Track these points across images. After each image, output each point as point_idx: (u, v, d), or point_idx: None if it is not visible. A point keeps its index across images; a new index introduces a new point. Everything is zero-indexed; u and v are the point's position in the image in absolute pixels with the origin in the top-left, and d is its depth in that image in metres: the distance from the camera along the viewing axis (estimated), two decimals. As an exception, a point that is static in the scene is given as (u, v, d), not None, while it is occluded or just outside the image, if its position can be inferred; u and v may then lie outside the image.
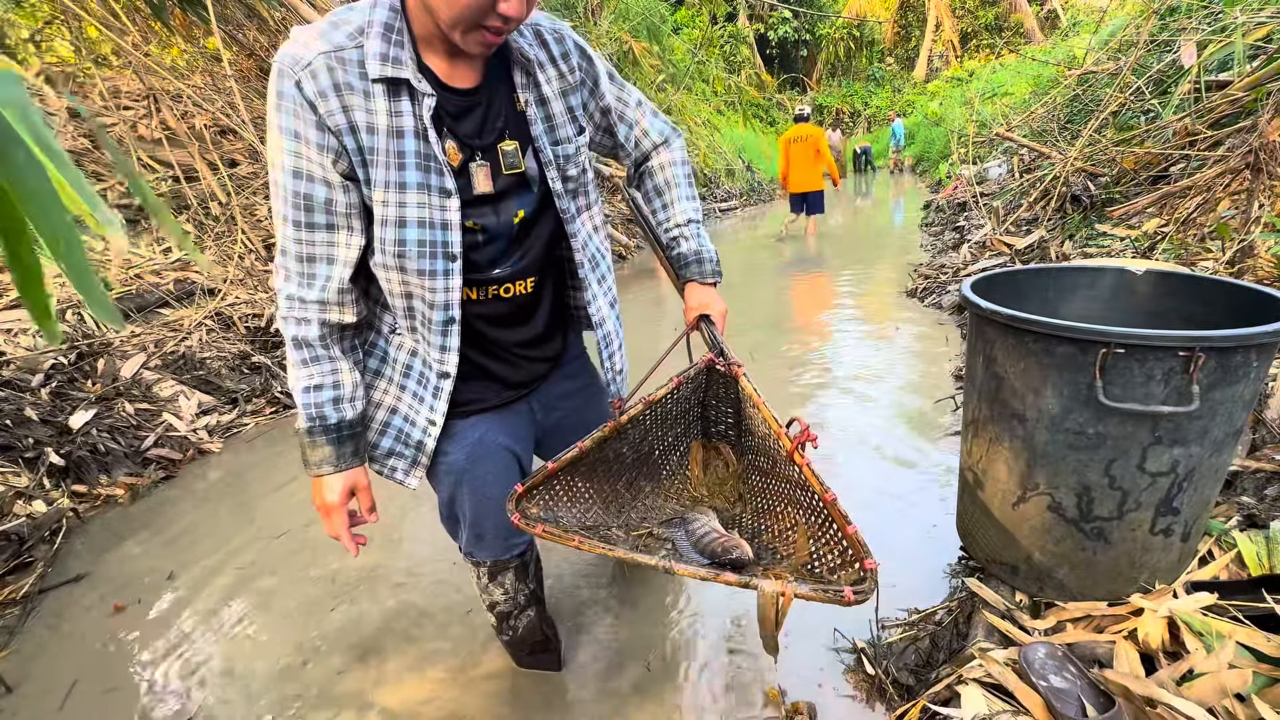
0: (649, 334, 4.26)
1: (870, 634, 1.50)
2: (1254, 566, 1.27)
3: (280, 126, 0.84)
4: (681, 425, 1.30)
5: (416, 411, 1.11)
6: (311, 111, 0.83)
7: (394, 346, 1.09)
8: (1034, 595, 1.37)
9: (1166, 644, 1.13)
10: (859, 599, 0.83)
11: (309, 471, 1.04)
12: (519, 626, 1.39)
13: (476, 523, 1.20)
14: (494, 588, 1.32)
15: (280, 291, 0.95)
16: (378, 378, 1.11)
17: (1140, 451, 1.14)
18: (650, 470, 1.28)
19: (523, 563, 1.32)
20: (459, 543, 1.27)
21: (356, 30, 0.85)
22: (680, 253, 1.22)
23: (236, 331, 3.71)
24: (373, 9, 0.86)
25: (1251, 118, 2.97)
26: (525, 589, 1.35)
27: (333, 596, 1.90)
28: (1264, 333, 1.02)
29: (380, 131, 0.87)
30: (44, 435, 2.60)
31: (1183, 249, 2.85)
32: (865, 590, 0.84)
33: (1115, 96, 4.34)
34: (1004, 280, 1.54)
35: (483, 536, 1.22)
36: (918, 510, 1.99)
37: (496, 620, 1.38)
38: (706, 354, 1.22)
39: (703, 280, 1.22)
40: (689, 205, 1.22)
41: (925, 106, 17.28)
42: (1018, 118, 6.62)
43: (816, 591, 0.86)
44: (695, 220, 1.24)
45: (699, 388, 1.26)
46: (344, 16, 0.87)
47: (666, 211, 1.23)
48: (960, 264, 4.55)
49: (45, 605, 1.99)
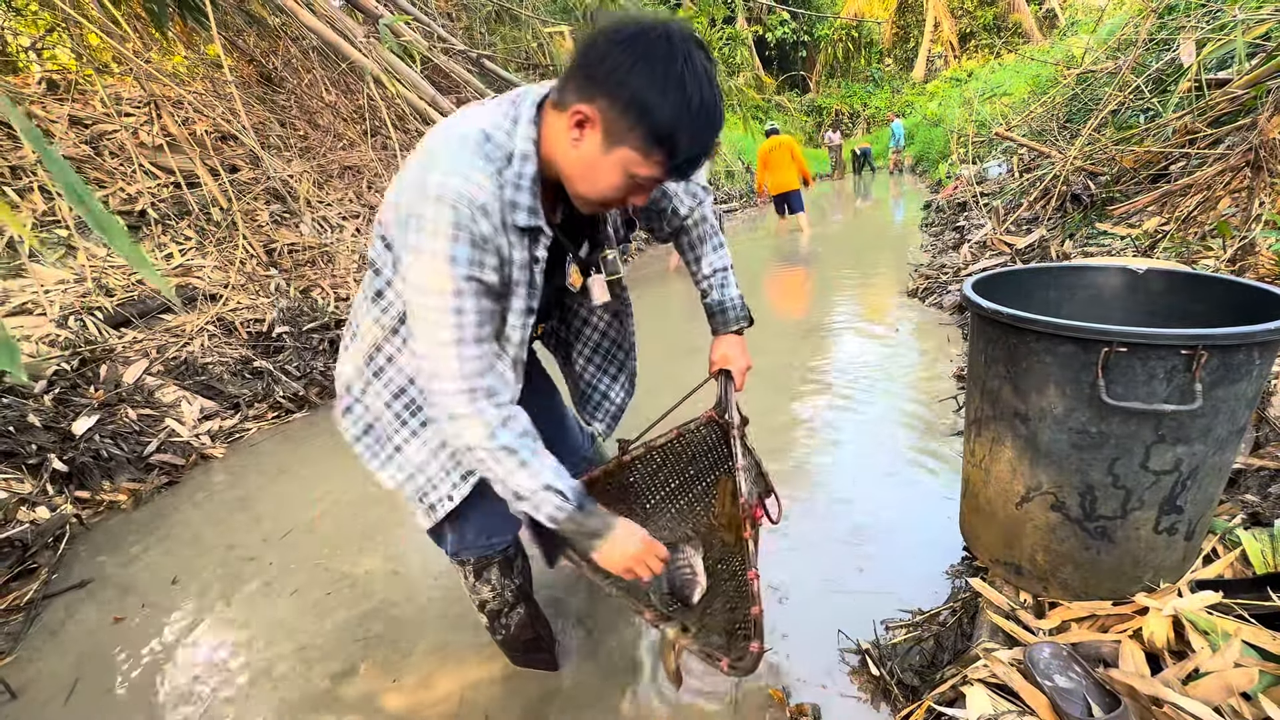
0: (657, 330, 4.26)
1: (874, 635, 1.50)
2: (1259, 564, 1.27)
3: (452, 256, 0.87)
4: (706, 461, 1.40)
5: (442, 481, 1.16)
6: (485, 243, 0.90)
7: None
8: (1038, 595, 1.37)
9: (1172, 643, 1.13)
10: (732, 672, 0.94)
11: (596, 545, 1.04)
12: (510, 624, 1.40)
13: (459, 524, 1.24)
14: (481, 585, 1.34)
15: (472, 416, 0.94)
16: (414, 436, 1.14)
17: (1143, 450, 1.13)
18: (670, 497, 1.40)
19: (506, 558, 1.34)
20: (444, 547, 1.30)
21: (505, 160, 0.91)
22: (708, 303, 1.33)
23: (238, 336, 3.71)
24: (524, 160, 0.91)
25: (1251, 115, 2.97)
26: (511, 584, 1.36)
27: (337, 598, 1.90)
28: (1266, 330, 1.02)
29: (518, 265, 0.97)
30: (47, 441, 2.60)
31: (1184, 247, 2.85)
32: (741, 667, 0.93)
33: (1114, 95, 4.34)
34: (1006, 280, 1.54)
35: (464, 536, 1.26)
36: (920, 511, 1.99)
37: (488, 620, 1.40)
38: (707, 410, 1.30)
39: (726, 329, 1.32)
40: (716, 256, 1.30)
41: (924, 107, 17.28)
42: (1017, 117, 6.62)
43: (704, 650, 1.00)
44: (721, 269, 1.31)
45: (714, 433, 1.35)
46: (496, 140, 0.91)
47: (698, 264, 1.31)
48: (961, 264, 4.54)
49: (49, 611, 2.00)
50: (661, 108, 0.83)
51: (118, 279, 3.67)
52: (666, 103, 0.82)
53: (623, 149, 0.87)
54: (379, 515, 2.35)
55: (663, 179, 0.92)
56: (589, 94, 0.86)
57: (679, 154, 0.87)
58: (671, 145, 0.86)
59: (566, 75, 0.90)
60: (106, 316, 3.39)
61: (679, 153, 0.87)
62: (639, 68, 0.82)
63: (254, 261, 4.25)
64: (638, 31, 0.83)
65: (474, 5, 7.47)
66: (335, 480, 2.66)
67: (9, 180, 3.76)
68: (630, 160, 0.88)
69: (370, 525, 2.28)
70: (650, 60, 0.82)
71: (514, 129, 0.92)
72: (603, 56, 0.84)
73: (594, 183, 0.91)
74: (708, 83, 0.84)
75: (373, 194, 5.60)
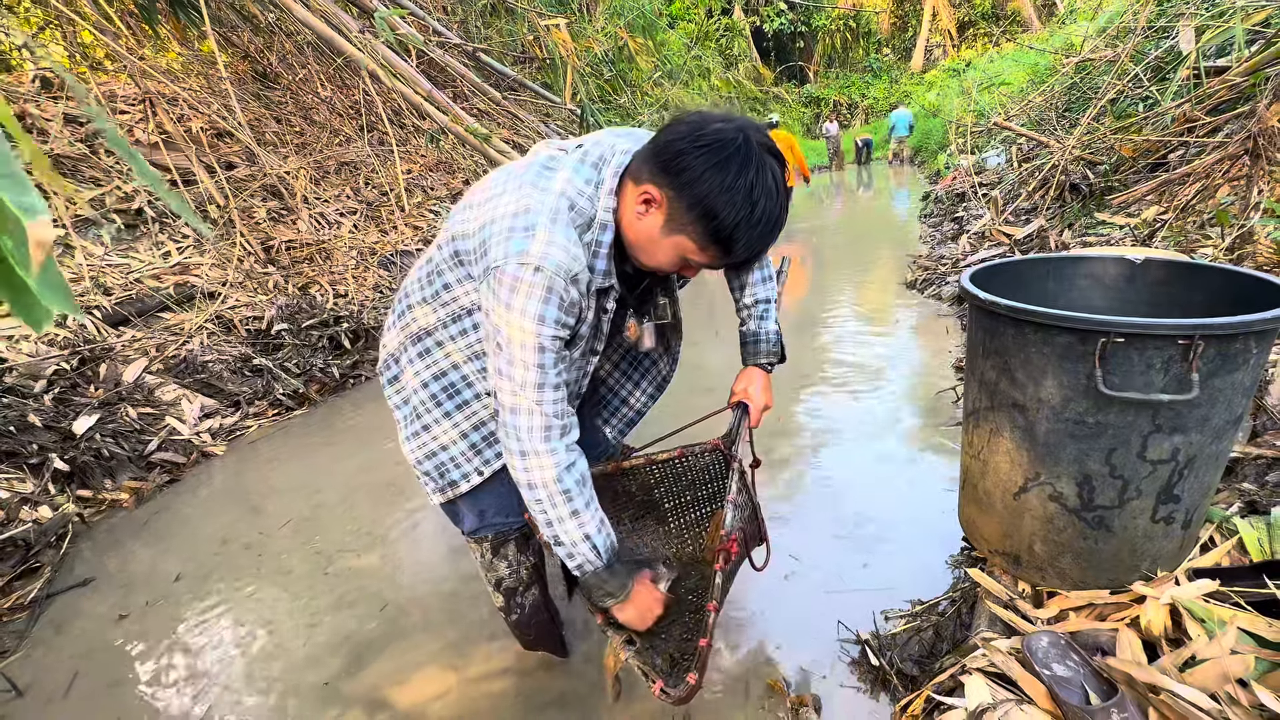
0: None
1: (874, 625, 1.51)
2: (1255, 552, 1.27)
3: (542, 316, 0.94)
4: (704, 490, 1.38)
5: (468, 460, 1.21)
6: (571, 307, 0.97)
7: (481, 405, 1.18)
8: (1036, 584, 1.38)
9: (1169, 631, 1.14)
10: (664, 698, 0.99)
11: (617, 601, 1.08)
12: (525, 604, 1.42)
13: (479, 501, 1.27)
14: (498, 562, 1.35)
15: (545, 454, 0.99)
16: (446, 418, 1.19)
17: (1141, 440, 1.14)
18: (659, 516, 1.40)
19: (523, 534, 1.36)
20: (460, 526, 1.33)
21: (585, 225, 0.99)
22: (743, 331, 1.37)
23: (237, 334, 3.71)
24: (603, 229, 1.00)
25: (1250, 103, 2.96)
26: (528, 561, 1.38)
27: (339, 596, 1.91)
28: (1262, 319, 1.02)
29: (589, 320, 1.06)
30: (48, 441, 2.61)
31: (1182, 236, 2.84)
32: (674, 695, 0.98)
33: (1113, 84, 4.32)
34: (1004, 270, 1.54)
35: (484, 513, 1.28)
36: (919, 502, 2.00)
37: (503, 598, 1.41)
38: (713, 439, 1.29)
39: (755, 362, 1.34)
40: (762, 287, 1.34)
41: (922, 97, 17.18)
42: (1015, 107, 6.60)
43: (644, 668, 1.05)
44: (764, 300, 1.34)
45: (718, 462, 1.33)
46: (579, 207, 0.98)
47: (742, 292, 1.35)
48: (959, 255, 4.54)
49: (52, 609, 2.01)
50: (725, 214, 0.91)
51: (115, 278, 3.67)
52: (731, 211, 0.91)
53: (681, 236, 0.96)
54: (380, 512, 2.35)
55: (713, 261, 1.00)
56: (661, 181, 0.94)
57: (734, 255, 0.96)
58: (728, 246, 0.95)
59: (645, 155, 0.98)
60: (105, 315, 3.38)
61: (734, 254, 0.96)
62: (710, 173, 0.90)
63: (252, 259, 4.24)
64: (717, 139, 0.90)
65: (469, -2, 7.43)
66: (336, 477, 2.66)
67: (4, 179, 3.75)
68: (686, 248, 0.97)
69: (371, 522, 2.29)
70: (723, 168, 0.90)
71: (595, 195, 1.00)
72: (679, 153, 0.91)
73: (651, 255, 1.01)
74: (774, 194, 0.92)
75: (370, 190, 5.59)
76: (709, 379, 3.08)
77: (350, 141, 5.90)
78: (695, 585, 1.31)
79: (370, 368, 3.94)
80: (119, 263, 3.80)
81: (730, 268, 1.26)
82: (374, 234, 5.19)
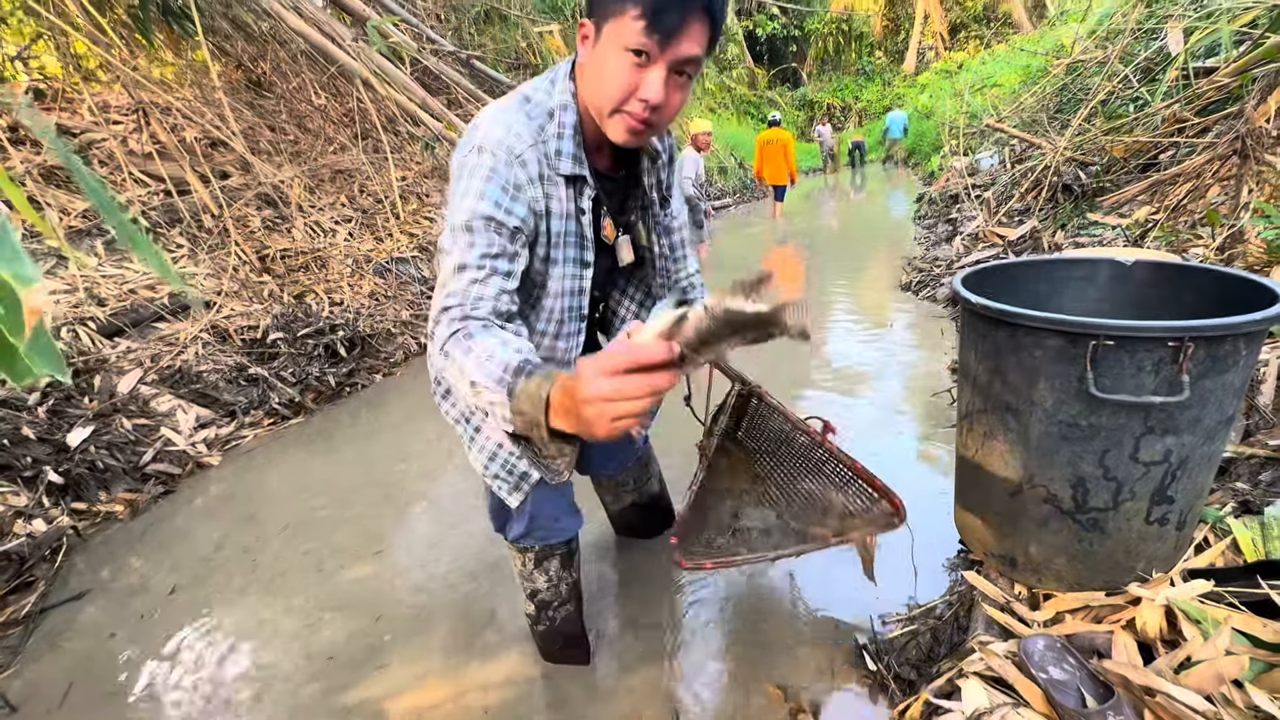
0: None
1: (871, 629, 1.51)
2: (1249, 552, 1.28)
3: (482, 193, 0.91)
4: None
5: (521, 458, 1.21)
6: (516, 190, 0.94)
7: None
8: (1032, 587, 1.38)
9: (1164, 632, 1.14)
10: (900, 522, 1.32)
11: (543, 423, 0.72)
12: (557, 618, 1.43)
13: (530, 510, 1.28)
14: (538, 574, 1.36)
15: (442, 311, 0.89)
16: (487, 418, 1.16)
17: (1133, 442, 1.14)
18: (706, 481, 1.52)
19: (569, 550, 1.37)
20: (505, 533, 1.34)
21: (546, 117, 0.98)
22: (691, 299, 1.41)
23: (233, 343, 3.70)
24: (563, 110, 0.98)
25: (1238, 104, 2.98)
26: (569, 578, 1.40)
27: (337, 607, 1.90)
28: (1251, 321, 1.03)
29: (562, 216, 1.02)
30: (42, 454, 2.59)
31: (1174, 236, 2.86)
32: (902, 516, 1.31)
33: (1104, 85, 4.35)
34: (997, 273, 1.55)
35: (535, 519, 1.29)
36: (916, 504, 1.98)
37: (536, 609, 1.41)
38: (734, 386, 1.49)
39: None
40: (693, 260, 1.48)
41: (915, 99, 17.26)
42: (1007, 108, 6.63)
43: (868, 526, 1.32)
44: (698, 270, 1.49)
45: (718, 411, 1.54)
46: (536, 100, 0.99)
47: (678, 265, 1.44)
48: (953, 256, 4.56)
49: (47, 624, 1.99)
50: None
51: (110, 289, 3.65)
52: None
53: (608, 26, 0.89)
54: (378, 522, 2.35)
55: (647, 39, 0.86)
56: (588, 14, 0.94)
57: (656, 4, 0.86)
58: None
59: None
60: (99, 326, 3.37)
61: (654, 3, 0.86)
62: None
63: (247, 268, 4.23)
64: None
65: (463, 6, 7.44)
66: (332, 487, 2.66)
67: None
68: (616, 33, 0.88)
69: (370, 532, 2.29)
70: None
71: (551, 88, 1.00)
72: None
73: (604, 83, 0.91)
74: None
75: (364, 198, 5.59)
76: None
77: (345, 149, 5.89)
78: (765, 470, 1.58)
79: (366, 375, 3.93)
80: (113, 273, 3.79)
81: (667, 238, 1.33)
82: (369, 241, 5.18)
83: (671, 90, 0.91)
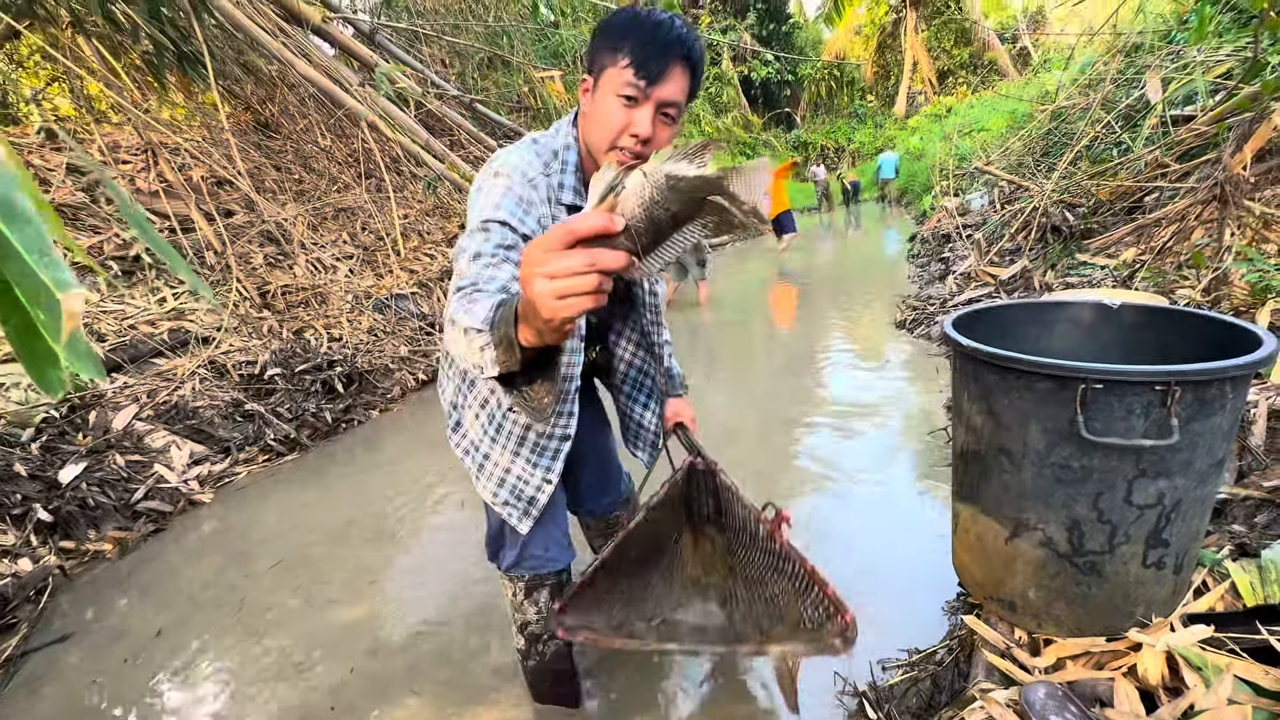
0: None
1: (871, 676, 1.48)
2: (1248, 596, 1.27)
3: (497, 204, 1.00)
4: (671, 521, 1.46)
5: (531, 474, 1.24)
6: (528, 206, 1.04)
7: (509, 421, 1.21)
8: (1032, 632, 1.36)
9: (1166, 679, 1.13)
10: (847, 648, 1.00)
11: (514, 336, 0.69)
12: (546, 652, 1.42)
13: (523, 539, 1.30)
14: (528, 605, 1.37)
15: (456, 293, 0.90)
16: (494, 443, 1.23)
17: (1126, 485, 1.15)
18: (653, 564, 1.44)
19: (559, 582, 1.37)
20: (498, 562, 1.36)
21: (552, 156, 1.11)
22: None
23: (230, 379, 3.70)
24: (566, 150, 1.11)
25: (1217, 150, 3.08)
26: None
27: (327, 649, 1.86)
28: (1235, 365, 1.05)
29: None
30: (32, 491, 2.57)
31: (1161, 277, 2.92)
32: (849, 639, 1.01)
33: (1087, 130, 4.49)
34: (988, 315, 1.58)
35: (527, 548, 1.31)
36: (915, 545, 1.98)
37: (526, 643, 1.41)
38: (687, 458, 1.41)
39: (675, 393, 1.53)
40: (664, 329, 1.50)
41: (906, 141, 17.74)
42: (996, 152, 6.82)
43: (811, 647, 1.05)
44: (669, 341, 1.53)
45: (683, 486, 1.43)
46: (543, 143, 1.13)
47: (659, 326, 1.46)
48: (947, 295, 4.62)
49: (28, 667, 1.94)
50: (614, 24, 1.01)
51: (109, 324, 3.68)
52: (618, 20, 1.01)
53: (603, 76, 1.02)
54: (369, 562, 2.31)
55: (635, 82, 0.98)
56: (588, 70, 1.06)
57: (635, 51, 0.98)
58: (627, 47, 0.99)
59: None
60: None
61: (635, 50, 0.98)
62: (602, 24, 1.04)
63: (247, 304, 4.27)
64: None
65: (467, 52, 7.70)
66: (325, 524, 2.63)
67: (4, 228, 3.80)
68: (610, 81, 1.01)
69: (360, 572, 2.25)
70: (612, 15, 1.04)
71: (556, 134, 1.13)
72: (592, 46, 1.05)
73: (601, 124, 1.03)
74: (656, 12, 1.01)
75: (366, 234, 5.67)
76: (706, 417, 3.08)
77: (348, 188, 6.01)
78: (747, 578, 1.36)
79: (363, 411, 3.93)
80: (114, 309, 3.82)
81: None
82: (370, 278, 5.24)
83: (659, 128, 1.03)
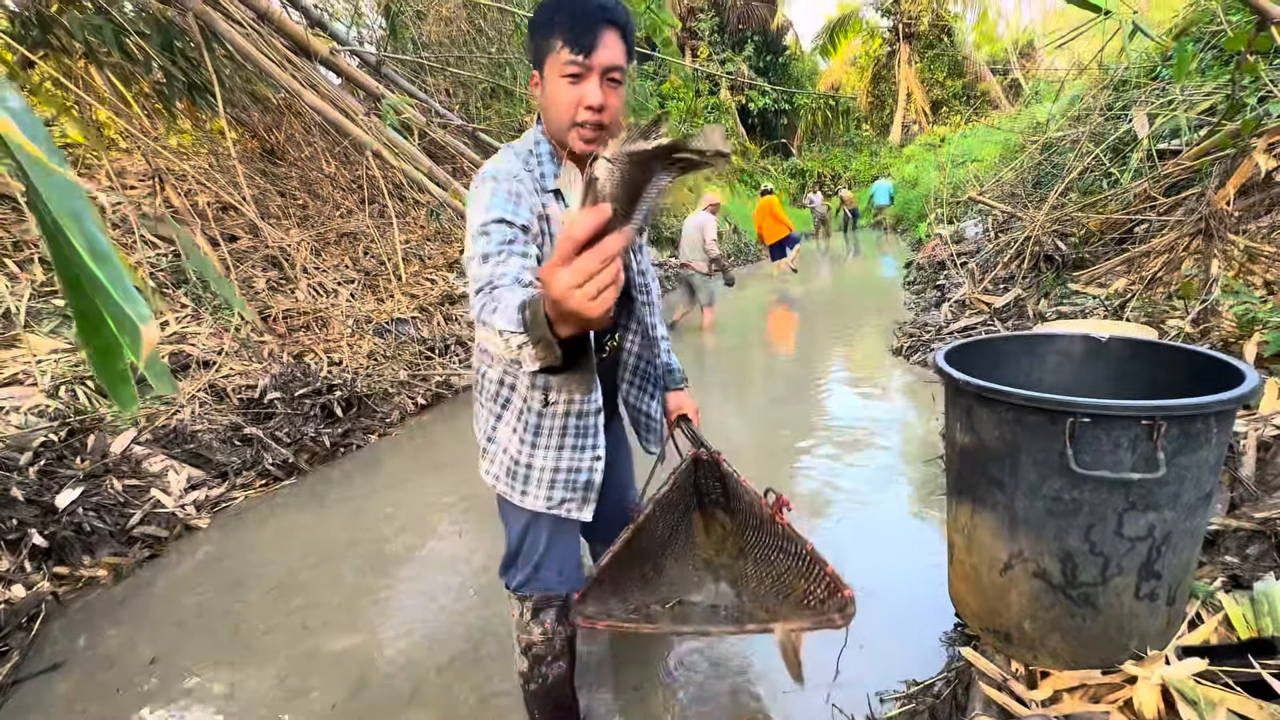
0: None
1: (869, 709, 1.47)
2: (1241, 629, 1.28)
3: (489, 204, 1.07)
4: (682, 506, 1.52)
5: (581, 457, 1.27)
6: (518, 198, 1.10)
7: (549, 418, 1.24)
8: (1029, 664, 1.36)
9: (1162, 713, 1.13)
10: (846, 622, 1.09)
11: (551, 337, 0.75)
12: (549, 675, 1.40)
13: (538, 555, 1.32)
14: (534, 625, 1.36)
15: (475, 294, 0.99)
16: (534, 449, 1.25)
17: (1116, 517, 1.17)
18: (666, 549, 1.48)
19: (566, 604, 1.36)
20: (508, 579, 1.36)
21: (528, 154, 1.19)
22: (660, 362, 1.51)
23: (229, 403, 3.71)
24: (538, 145, 1.19)
25: (1202, 184, 3.16)
26: (564, 633, 1.38)
27: (322, 677, 1.84)
28: (1219, 401, 1.08)
29: (558, 222, 1.16)
30: (28, 515, 2.56)
31: (1151, 307, 2.96)
32: (848, 614, 1.09)
33: (1077, 163, 4.59)
34: (981, 347, 1.61)
35: (540, 567, 1.33)
36: (913, 573, 1.99)
37: (529, 665, 1.39)
38: (691, 450, 1.49)
39: (676, 386, 1.56)
40: (663, 325, 1.53)
41: (901, 169, 18.04)
42: (989, 182, 6.94)
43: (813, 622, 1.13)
44: (666, 337, 1.54)
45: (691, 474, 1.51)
46: (518, 147, 1.22)
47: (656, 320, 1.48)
48: (942, 322, 4.67)
49: (18, 697, 1.92)
50: (540, 15, 1.10)
51: (111, 347, 3.69)
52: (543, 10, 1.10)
53: (546, 66, 1.10)
54: (365, 588, 2.30)
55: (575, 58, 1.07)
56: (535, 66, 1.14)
57: (565, 32, 1.06)
58: (558, 30, 1.07)
59: None
60: (98, 385, 3.39)
61: (564, 31, 1.07)
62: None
63: (249, 327, 4.29)
64: None
65: (470, 82, 7.87)
66: (321, 549, 2.62)
67: (10, 253, 3.84)
68: (552, 68, 1.09)
69: (356, 597, 2.24)
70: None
71: (528, 137, 1.21)
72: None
73: (556, 108, 1.11)
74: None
75: (368, 259, 5.73)
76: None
77: (351, 214, 6.09)
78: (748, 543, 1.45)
79: (362, 435, 3.93)
80: (116, 332, 3.85)
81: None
82: (371, 302, 5.29)
83: (608, 94, 1.10)
